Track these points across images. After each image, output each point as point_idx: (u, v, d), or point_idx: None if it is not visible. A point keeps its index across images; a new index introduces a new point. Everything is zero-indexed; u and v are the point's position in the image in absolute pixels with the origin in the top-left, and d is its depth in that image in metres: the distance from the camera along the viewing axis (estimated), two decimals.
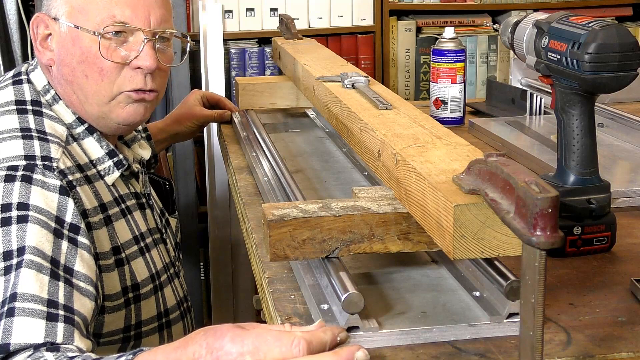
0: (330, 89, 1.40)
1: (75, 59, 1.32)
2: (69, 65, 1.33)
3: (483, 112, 2.06)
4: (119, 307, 1.30)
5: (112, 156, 1.35)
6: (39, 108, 1.31)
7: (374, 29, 2.75)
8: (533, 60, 1.20)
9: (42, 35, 1.35)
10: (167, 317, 1.42)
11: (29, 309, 1.05)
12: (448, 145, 1.04)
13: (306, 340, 0.85)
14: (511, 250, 0.85)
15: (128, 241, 1.34)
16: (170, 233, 1.58)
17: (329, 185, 1.49)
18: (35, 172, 1.18)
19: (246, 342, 0.86)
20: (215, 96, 2.03)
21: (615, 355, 0.89)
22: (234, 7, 2.65)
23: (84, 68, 1.32)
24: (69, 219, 1.17)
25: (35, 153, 1.21)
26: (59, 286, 1.10)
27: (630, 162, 1.59)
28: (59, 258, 1.13)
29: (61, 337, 1.05)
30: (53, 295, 1.08)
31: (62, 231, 1.15)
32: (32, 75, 1.37)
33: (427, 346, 0.92)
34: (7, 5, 2.44)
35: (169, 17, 1.38)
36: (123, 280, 1.30)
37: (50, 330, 1.05)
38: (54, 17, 1.33)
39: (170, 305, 1.43)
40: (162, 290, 1.41)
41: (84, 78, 1.32)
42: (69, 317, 1.08)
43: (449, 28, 1.94)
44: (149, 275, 1.37)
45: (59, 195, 1.17)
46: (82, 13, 1.31)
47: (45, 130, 1.27)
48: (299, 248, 0.99)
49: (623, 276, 1.09)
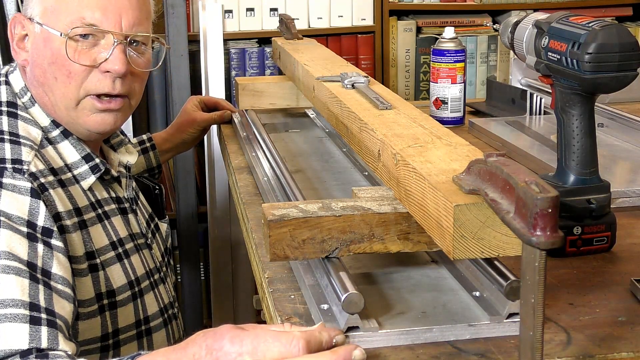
0: (330, 89, 1.40)
1: (46, 60, 1.30)
2: (41, 66, 1.31)
3: (483, 112, 2.06)
4: (93, 314, 1.27)
5: (88, 160, 1.33)
6: (15, 110, 1.30)
7: (374, 29, 2.75)
8: (533, 60, 1.20)
9: (19, 35, 1.33)
10: (147, 325, 1.38)
11: (11, 314, 1.04)
12: (448, 145, 1.04)
13: (304, 339, 0.85)
14: (511, 250, 0.85)
15: (104, 247, 1.31)
16: (160, 238, 1.56)
17: (329, 185, 1.49)
18: (4, 175, 1.16)
19: (245, 342, 0.86)
20: (212, 99, 2.03)
21: (615, 355, 0.89)
22: (234, 7, 2.65)
23: (53, 70, 1.30)
24: (41, 222, 1.15)
25: (5, 156, 1.19)
26: (39, 289, 1.09)
27: (630, 162, 1.59)
28: (36, 261, 1.11)
29: (46, 341, 1.04)
30: (34, 298, 1.07)
31: (36, 235, 1.14)
32: (11, 76, 1.35)
33: (427, 346, 0.92)
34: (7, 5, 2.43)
35: (144, 20, 1.35)
36: (97, 286, 1.28)
37: (34, 334, 1.04)
38: (29, 18, 1.32)
39: (152, 312, 1.40)
40: (142, 297, 1.38)
41: (54, 80, 1.30)
42: (52, 320, 1.07)
43: (449, 28, 1.94)
44: (127, 282, 1.34)
45: (30, 198, 1.16)
46: (53, 14, 1.29)
47: (19, 132, 1.25)
48: (299, 248, 0.99)
49: (623, 276, 1.09)
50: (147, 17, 1.37)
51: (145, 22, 1.36)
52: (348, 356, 0.85)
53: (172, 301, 1.50)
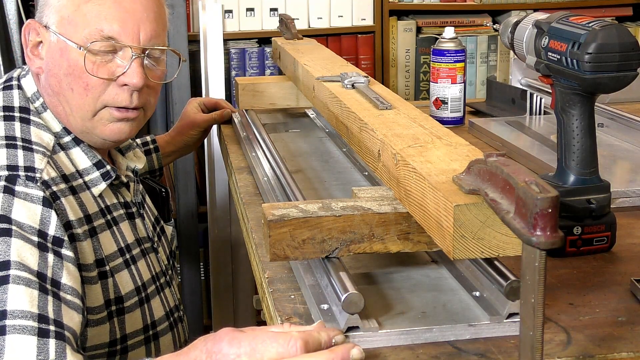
0: (330, 89, 1.40)
1: (62, 70, 1.29)
2: (56, 76, 1.30)
3: (483, 112, 2.06)
4: (102, 320, 1.27)
5: (100, 167, 1.32)
6: (27, 115, 1.29)
7: (374, 29, 2.75)
8: (533, 60, 1.20)
9: (33, 42, 1.32)
10: (154, 330, 1.38)
11: (20, 326, 1.04)
12: (448, 145, 1.04)
13: (303, 339, 0.86)
14: (511, 250, 0.85)
15: (113, 253, 1.31)
16: (165, 241, 1.55)
17: (329, 185, 1.49)
18: (17, 183, 1.15)
19: (243, 344, 0.87)
20: (212, 100, 2.03)
21: (615, 355, 0.89)
22: (234, 7, 2.65)
23: (70, 81, 1.29)
24: (52, 232, 1.14)
25: (18, 163, 1.18)
26: (48, 300, 1.08)
27: (630, 162, 1.59)
28: (46, 272, 1.10)
29: (53, 354, 1.03)
30: (43, 310, 1.06)
31: (46, 244, 1.13)
32: (24, 81, 1.34)
33: (427, 346, 0.92)
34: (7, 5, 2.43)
35: (161, 32, 1.34)
36: (106, 293, 1.27)
37: (42, 347, 1.03)
38: (45, 25, 1.30)
39: (158, 317, 1.39)
40: (149, 302, 1.37)
41: (70, 91, 1.29)
42: (60, 332, 1.06)
43: (449, 28, 1.94)
44: (134, 288, 1.33)
45: (42, 207, 1.15)
46: (71, 24, 1.28)
47: (31, 139, 1.24)
48: (299, 248, 0.99)
49: (623, 276, 1.09)
50: (164, 29, 1.36)
51: (162, 34, 1.35)
52: (346, 355, 0.85)
53: (177, 304, 1.50)
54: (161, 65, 1.37)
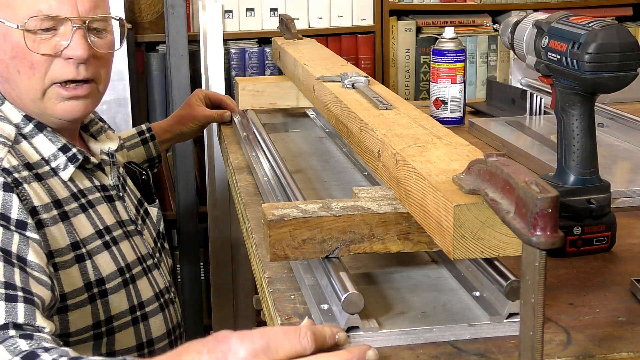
0: (330, 89, 1.40)
1: (7, 54, 1.30)
2: (3, 61, 1.31)
3: (483, 112, 2.06)
4: (83, 303, 1.27)
5: (65, 151, 1.33)
6: None
7: (374, 29, 2.75)
8: (533, 60, 1.20)
9: None
10: (142, 310, 1.38)
11: None
12: (448, 145, 1.04)
13: (310, 330, 0.85)
14: (511, 250, 0.85)
15: (90, 236, 1.31)
16: (151, 223, 1.55)
17: (329, 185, 1.49)
18: None
19: (256, 339, 0.84)
20: (218, 96, 2.03)
21: (615, 355, 0.89)
22: (234, 7, 2.65)
23: (16, 63, 1.30)
24: (14, 215, 1.15)
25: None
26: (15, 271, 1.08)
27: (630, 162, 1.59)
28: (11, 248, 1.11)
29: (22, 317, 1.03)
30: (9, 279, 1.07)
31: (9, 227, 1.14)
32: None
33: (427, 346, 0.92)
34: None
35: (100, 2, 1.34)
36: (85, 276, 1.28)
37: (10, 310, 1.03)
38: None
39: (146, 297, 1.39)
40: (134, 283, 1.37)
41: (17, 74, 1.30)
42: (28, 297, 1.06)
43: (449, 28, 1.94)
44: (117, 269, 1.34)
45: (2, 192, 1.16)
46: (9, 7, 1.29)
47: None
48: (299, 248, 0.99)
49: (623, 276, 1.09)
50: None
51: (102, 4, 1.35)
52: (362, 356, 0.84)
53: (168, 286, 1.50)
54: (107, 35, 1.37)
